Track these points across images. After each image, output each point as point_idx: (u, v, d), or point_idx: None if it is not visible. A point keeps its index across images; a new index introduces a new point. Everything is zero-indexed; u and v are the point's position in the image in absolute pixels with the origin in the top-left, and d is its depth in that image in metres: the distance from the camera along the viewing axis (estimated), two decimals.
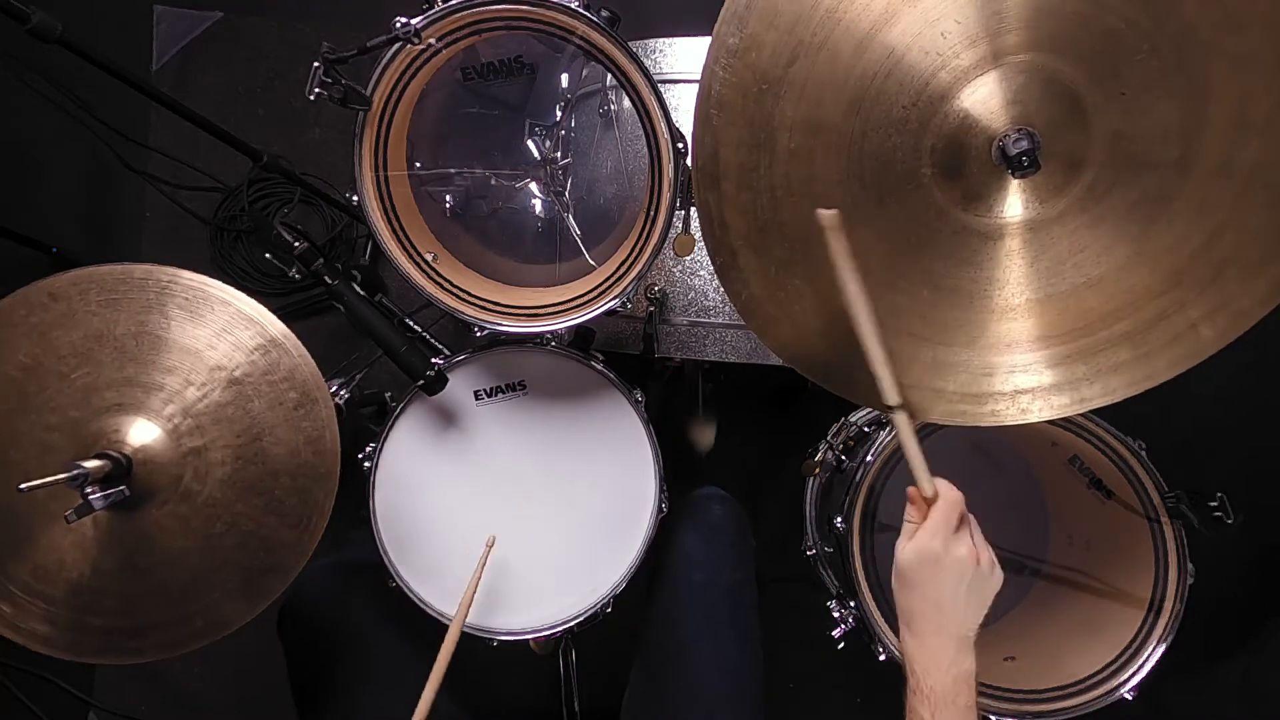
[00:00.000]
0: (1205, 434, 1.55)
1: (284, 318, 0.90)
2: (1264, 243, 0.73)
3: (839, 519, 1.10)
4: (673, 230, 0.96)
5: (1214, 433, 1.57)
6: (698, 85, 0.74)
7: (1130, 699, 1.04)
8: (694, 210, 0.98)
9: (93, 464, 0.78)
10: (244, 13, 1.80)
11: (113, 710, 1.65)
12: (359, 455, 1.07)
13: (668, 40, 1.18)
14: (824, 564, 1.31)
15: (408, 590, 1.06)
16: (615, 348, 1.23)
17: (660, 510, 1.08)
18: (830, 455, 1.30)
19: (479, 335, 1.03)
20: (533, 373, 1.10)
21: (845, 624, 1.12)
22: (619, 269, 1.00)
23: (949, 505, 0.75)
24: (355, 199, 0.97)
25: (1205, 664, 1.54)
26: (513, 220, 1.14)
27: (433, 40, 0.90)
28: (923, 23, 0.69)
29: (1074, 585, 1.23)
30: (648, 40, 1.18)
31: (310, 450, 0.89)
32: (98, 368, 0.85)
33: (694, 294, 1.19)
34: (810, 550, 1.33)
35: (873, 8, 0.69)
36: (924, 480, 0.77)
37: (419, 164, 1.04)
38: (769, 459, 1.70)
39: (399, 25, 0.88)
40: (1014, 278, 0.79)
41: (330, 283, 0.98)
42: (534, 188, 1.12)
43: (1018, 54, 0.70)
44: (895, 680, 0.79)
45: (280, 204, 1.77)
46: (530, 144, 1.08)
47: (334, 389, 1.02)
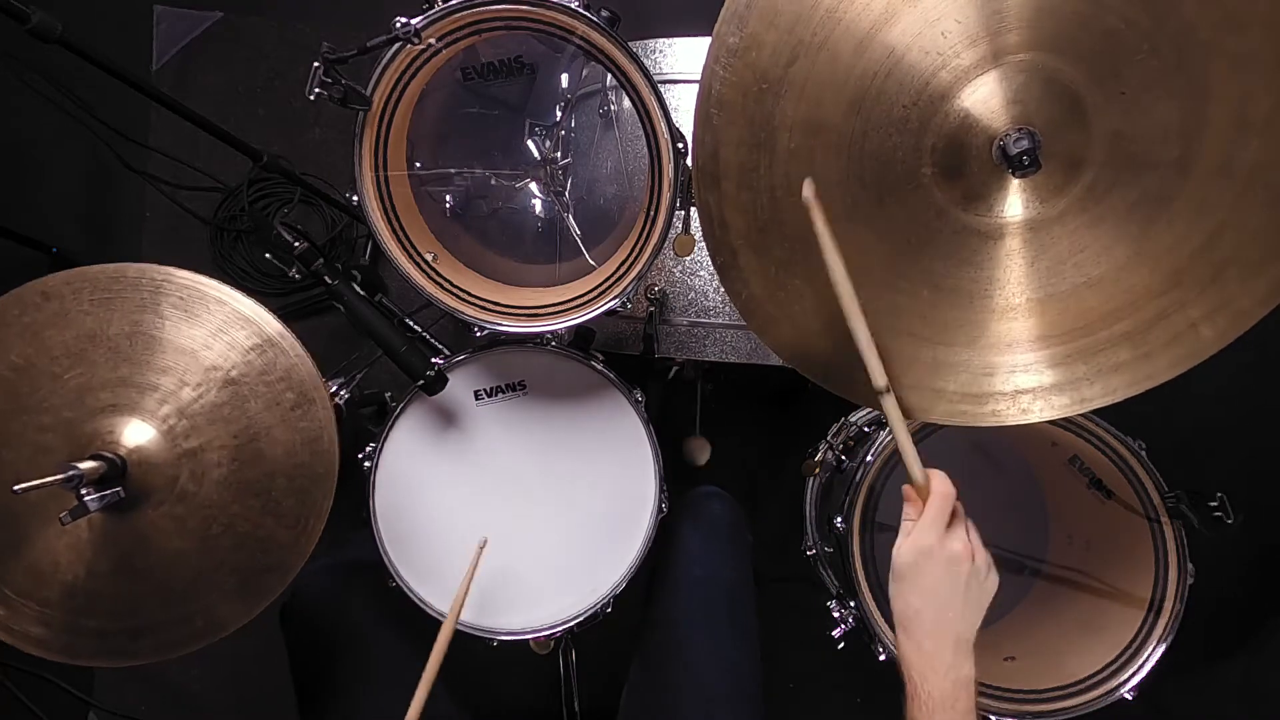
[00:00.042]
0: (1205, 434, 1.55)
1: (284, 318, 0.90)
2: (1264, 243, 0.73)
3: (839, 519, 1.10)
4: (673, 230, 0.96)
5: (1214, 433, 1.57)
6: (698, 85, 0.74)
7: (1130, 699, 1.04)
8: (694, 210, 0.98)
9: (87, 465, 0.78)
10: (244, 13, 1.80)
11: (113, 710, 1.65)
12: (359, 455, 1.07)
13: (668, 40, 1.18)
14: (824, 564, 1.31)
15: (407, 590, 1.06)
16: (615, 348, 1.23)
17: (660, 510, 1.08)
18: (830, 455, 1.30)
19: (479, 335, 1.03)
20: (533, 373, 1.10)
21: (845, 624, 1.12)
22: (619, 269, 1.00)
23: (941, 499, 0.75)
24: (355, 199, 0.97)
25: (1205, 664, 1.54)
26: (513, 220, 1.14)
27: (433, 40, 0.90)
28: (923, 22, 0.69)
29: (1074, 585, 1.23)
30: (648, 40, 1.18)
31: (308, 451, 0.88)
32: (91, 368, 0.84)
33: (694, 294, 1.19)
34: (810, 550, 1.33)
35: (873, 7, 0.69)
36: (915, 468, 0.76)
37: (419, 164, 1.04)
38: (769, 459, 1.70)
39: (399, 25, 0.88)
40: (1014, 277, 0.79)
41: (330, 283, 0.98)
42: (534, 188, 1.12)
43: (1018, 54, 0.70)
44: (895, 680, 0.79)
45: (280, 204, 1.77)
46: (530, 144, 1.08)
47: (334, 389, 1.02)
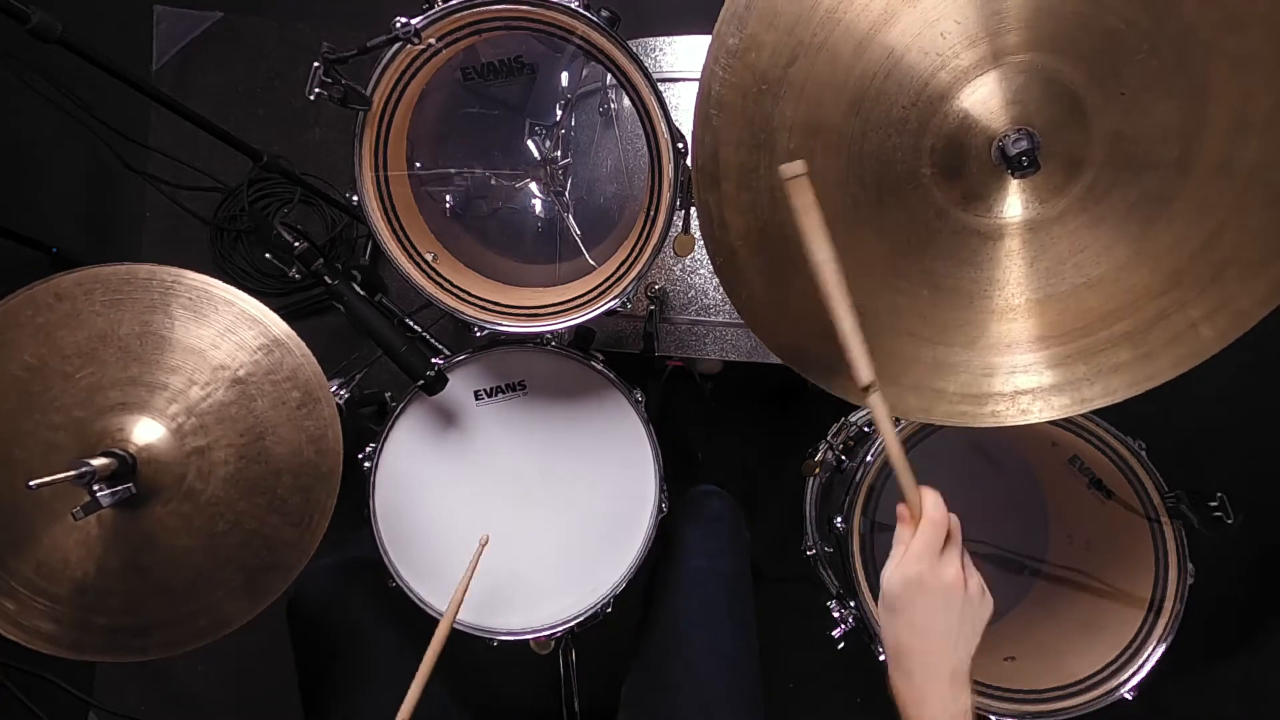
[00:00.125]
0: (1206, 434, 1.55)
1: (284, 318, 0.90)
2: (1264, 243, 0.73)
3: (839, 519, 1.10)
4: (673, 230, 0.96)
5: (1214, 433, 1.57)
6: (698, 84, 0.74)
7: (1130, 699, 1.04)
8: (694, 210, 0.98)
9: (100, 461, 0.79)
10: (244, 13, 1.80)
11: (113, 710, 1.65)
12: (359, 455, 1.07)
13: (668, 39, 1.18)
14: (824, 564, 1.31)
15: (408, 590, 1.06)
16: (615, 347, 1.23)
17: (660, 510, 1.08)
18: (830, 455, 1.30)
19: (479, 335, 1.03)
20: (533, 373, 1.10)
21: (845, 624, 1.12)
22: (619, 269, 1.00)
23: (933, 526, 0.71)
24: (355, 199, 0.97)
25: (1205, 664, 1.54)
26: (513, 220, 1.14)
27: (433, 40, 0.90)
28: (922, 23, 0.69)
29: (1074, 585, 1.23)
30: (648, 39, 1.18)
31: (313, 449, 0.89)
32: (102, 367, 0.86)
33: (694, 293, 1.19)
34: (810, 550, 1.34)
35: (872, 8, 0.69)
36: (905, 478, 0.73)
37: (419, 164, 1.04)
38: (769, 459, 1.70)
39: (399, 25, 0.88)
40: (1014, 278, 0.79)
41: (330, 283, 0.98)
42: (534, 188, 1.12)
43: (1018, 54, 0.70)
44: None
45: (280, 204, 1.77)
46: (530, 144, 1.08)
47: (334, 389, 1.02)
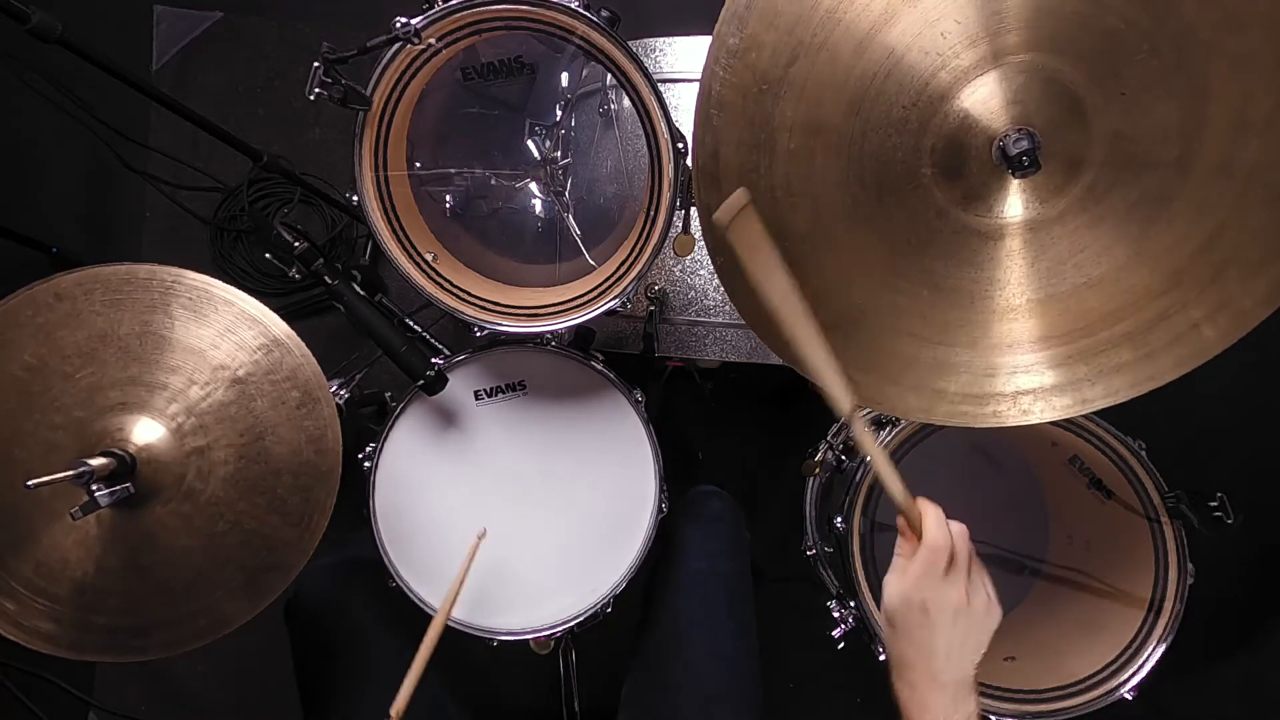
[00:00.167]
0: (1206, 434, 1.55)
1: (284, 318, 0.90)
2: (1264, 243, 0.73)
3: (839, 519, 1.10)
4: (673, 230, 0.96)
5: (1215, 433, 1.57)
6: (698, 85, 0.74)
7: (1130, 699, 1.04)
8: (694, 210, 0.98)
9: (98, 461, 0.79)
10: (244, 13, 1.80)
11: (113, 710, 1.65)
12: (359, 455, 1.07)
13: (668, 40, 1.18)
14: (824, 564, 1.31)
15: (408, 590, 1.06)
16: (615, 348, 1.23)
17: (660, 510, 1.08)
18: (830, 455, 1.30)
19: (479, 335, 1.03)
20: (533, 373, 1.10)
21: (845, 624, 1.12)
22: (619, 269, 1.00)
23: (932, 552, 0.69)
24: (355, 199, 0.97)
25: (1205, 664, 1.54)
26: (513, 220, 1.14)
27: (433, 40, 0.90)
28: (923, 23, 0.69)
29: (1074, 585, 1.23)
30: (648, 40, 1.18)
31: (312, 449, 0.89)
32: (102, 367, 0.86)
33: (694, 292, 1.19)
34: (810, 550, 1.33)
35: (873, 8, 0.69)
36: (896, 490, 0.72)
37: (419, 164, 1.04)
38: (769, 459, 1.70)
39: (399, 25, 0.88)
40: (1014, 278, 0.79)
41: (330, 283, 0.98)
42: (534, 188, 1.12)
43: (1018, 54, 0.70)
44: None
45: (280, 204, 1.77)
46: (530, 144, 1.08)
47: (334, 389, 1.02)
